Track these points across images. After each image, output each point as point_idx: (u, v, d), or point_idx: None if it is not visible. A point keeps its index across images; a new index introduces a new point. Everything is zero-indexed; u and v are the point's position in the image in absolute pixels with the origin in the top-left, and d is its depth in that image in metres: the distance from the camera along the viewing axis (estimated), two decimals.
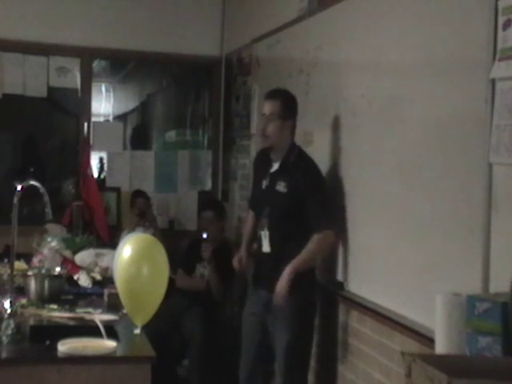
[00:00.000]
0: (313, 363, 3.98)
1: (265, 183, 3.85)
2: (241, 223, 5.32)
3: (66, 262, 4.18)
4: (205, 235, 4.74)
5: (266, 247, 3.77)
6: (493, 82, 2.54)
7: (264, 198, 3.83)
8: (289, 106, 3.80)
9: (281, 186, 3.73)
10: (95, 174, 6.21)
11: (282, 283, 3.55)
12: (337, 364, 3.79)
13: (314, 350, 3.87)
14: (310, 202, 3.64)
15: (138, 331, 3.10)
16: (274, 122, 3.75)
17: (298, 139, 4.32)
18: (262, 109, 3.89)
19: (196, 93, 6.74)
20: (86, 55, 6.09)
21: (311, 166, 3.77)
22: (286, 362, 3.67)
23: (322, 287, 3.92)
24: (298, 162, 3.76)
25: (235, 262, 3.97)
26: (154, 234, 4.48)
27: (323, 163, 4.00)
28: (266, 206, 3.77)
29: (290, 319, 3.66)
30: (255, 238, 3.92)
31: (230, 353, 4.14)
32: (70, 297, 3.73)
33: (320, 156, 4.03)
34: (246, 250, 3.98)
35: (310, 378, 4.01)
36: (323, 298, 3.93)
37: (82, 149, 6.06)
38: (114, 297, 3.39)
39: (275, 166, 3.81)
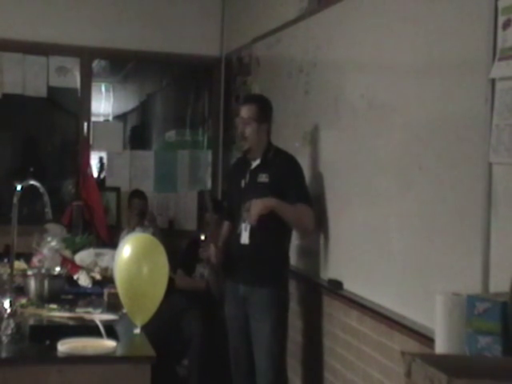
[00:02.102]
0: (312, 362, 3.96)
1: (244, 182, 3.99)
2: None
3: (65, 261, 4.18)
4: (203, 237, 4.72)
5: (245, 239, 3.88)
6: (493, 81, 2.53)
7: (245, 194, 3.92)
8: (264, 110, 4.00)
9: (262, 178, 3.90)
10: (95, 174, 6.22)
11: (258, 203, 3.71)
12: (336, 363, 3.80)
13: (312, 349, 3.85)
14: (290, 185, 3.82)
15: (137, 331, 3.10)
16: (251, 125, 3.93)
17: (298, 139, 4.33)
18: (239, 112, 4.02)
19: (196, 93, 6.73)
20: (85, 55, 6.09)
21: (290, 158, 3.96)
22: (267, 348, 3.82)
23: (320, 286, 3.93)
24: (278, 156, 3.95)
25: (213, 258, 4.09)
26: (153, 234, 4.48)
27: (323, 163, 4.01)
28: (247, 201, 3.81)
29: (268, 312, 3.82)
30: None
31: (230, 352, 4.15)
32: (70, 297, 3.73)
33: (319, 156, 4.04)
34: (223, 246, 4.13)
35: (308, 376, 4.00)
36: (322, 298, 3.93)
37: (81, 149, 6.06)
38: (114, 297, 3.39)
39: (255, 164, 3.97)
